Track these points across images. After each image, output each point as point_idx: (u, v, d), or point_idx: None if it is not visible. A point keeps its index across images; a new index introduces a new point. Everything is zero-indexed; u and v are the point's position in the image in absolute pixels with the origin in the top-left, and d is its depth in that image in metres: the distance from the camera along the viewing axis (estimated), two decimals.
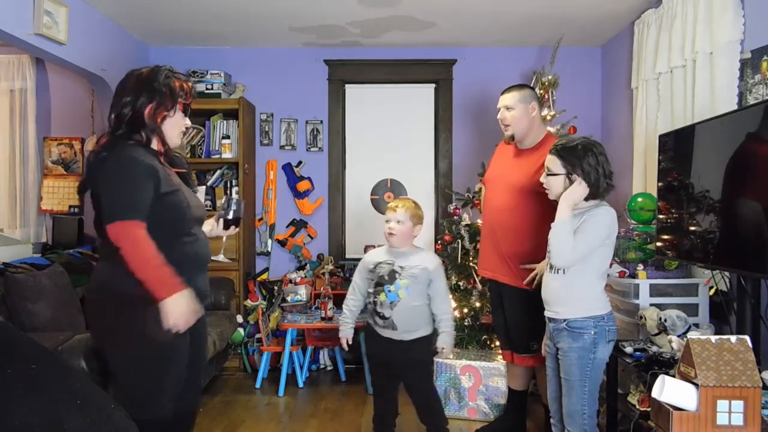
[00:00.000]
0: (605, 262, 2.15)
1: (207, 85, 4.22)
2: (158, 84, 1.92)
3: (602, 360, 2.15)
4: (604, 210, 2.12)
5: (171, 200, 1.89)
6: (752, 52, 2.63)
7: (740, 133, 2.16)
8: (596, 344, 2.10)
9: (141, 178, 1.83)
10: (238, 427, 3.13)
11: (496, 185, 2.80)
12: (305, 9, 3.68)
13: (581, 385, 2.12)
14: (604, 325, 2.12)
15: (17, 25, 2.91)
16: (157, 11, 3.74)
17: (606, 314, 2.15)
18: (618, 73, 4.15)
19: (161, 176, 1.87)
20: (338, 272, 4.30)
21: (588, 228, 2.08)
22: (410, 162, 4.64)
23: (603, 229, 2.09)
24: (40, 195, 4.45)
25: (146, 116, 1.91)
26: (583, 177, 2.10)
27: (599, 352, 2.12)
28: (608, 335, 2.13)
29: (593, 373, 2.12)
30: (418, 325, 2.57)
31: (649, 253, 2.91)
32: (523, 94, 2.71)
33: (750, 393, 1.70)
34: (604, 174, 2.11)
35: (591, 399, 2.14)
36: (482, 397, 3.21)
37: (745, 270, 2.17)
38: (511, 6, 3.61)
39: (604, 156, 2.14)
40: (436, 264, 2.61)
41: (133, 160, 1.84)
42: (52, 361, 1.60)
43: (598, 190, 2.11)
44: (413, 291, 2.54)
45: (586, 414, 2.14)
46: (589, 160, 2.10)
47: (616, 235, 2.18)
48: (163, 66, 2.00)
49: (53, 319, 2.72)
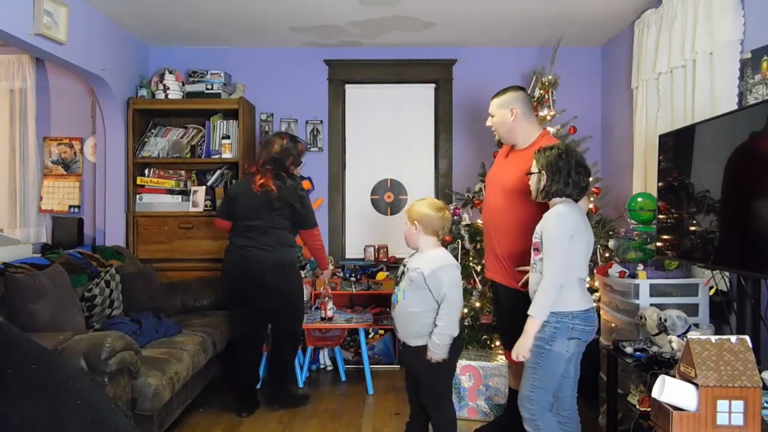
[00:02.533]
0: (575, 256, 2.16)
1: (207, 85, 4.22)
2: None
3: (559, 354, 2.16)
4: (552, 212, 2.20)
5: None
6: (752, 52, 2.63)
7: (740, 133, 2.16)
8: (554, 337, 2.15)
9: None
10: (238, 427, 3.13)
11: (491, 186, 2.83)
12: (305, 9, 3.68)
13: (533, 372, 2.20)
14: (567, 321, 2.15)
15: (17, 25, 2.91)
16: (158, 11, 3.74)
17: (576, 312, 2.16)
18: (618, 73, 4.15)
19: None
20: (338, 272, 4.30)
21: (546, 243, 2.16)
22: (410, 162, 4.64)
23: (554, 230, 2.15)
24: (40, 195, 4.45)
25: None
26: (550, 174, 2.20)
27: (556, 345, 2.15)
28: (571, 332, 2.15)
29: (546, 363, 2.17)
30: (417, 333, 2.43)
31: (649, 253, 2.91)
32: (502, 99, 2.73)
33: (750, 393, 1.70)
34: (568, 173, 2.19)
35: (540, 388, 2.20)
36: (482, 397, 3.21)
37: (745, 270, 2.17)
38: (511, 6, 3.61)
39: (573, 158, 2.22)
40: (432, 269, 2.38)
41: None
42: (52, 361, 1.60)
43: (560, 187, 2.19)
44: (410, 296, 2.42)
45: (533, 401, 2.20)
46: (556, 161, 2.20)
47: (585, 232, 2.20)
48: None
49: (53, 319, 2.72)
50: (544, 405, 2.21)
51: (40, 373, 1.51)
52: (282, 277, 3.25)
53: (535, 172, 2.28)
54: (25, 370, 1.50)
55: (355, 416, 3.31)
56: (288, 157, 3.33)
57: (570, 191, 2.21)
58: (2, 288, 2.68)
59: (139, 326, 3.11)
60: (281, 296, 3.28)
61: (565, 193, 2.21)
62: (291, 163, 3.35)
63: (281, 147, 3.31)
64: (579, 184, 2.21)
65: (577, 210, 2.22)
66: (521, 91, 2.77)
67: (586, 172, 2.24)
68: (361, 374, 3.87)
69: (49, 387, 1.50)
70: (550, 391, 2.21)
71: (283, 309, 3.32)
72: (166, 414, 2.82)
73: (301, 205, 3.30)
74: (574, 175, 2.19)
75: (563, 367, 2.18)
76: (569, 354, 2.17)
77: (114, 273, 3.31)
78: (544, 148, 2.31)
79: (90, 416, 1.50)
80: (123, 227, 4.15)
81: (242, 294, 3.27)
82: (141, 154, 4.24)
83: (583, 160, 2.27)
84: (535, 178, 2.29)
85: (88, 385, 1.61)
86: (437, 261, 2.42)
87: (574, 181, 2.20)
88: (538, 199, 2.30)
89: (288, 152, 3.33)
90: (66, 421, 1.46)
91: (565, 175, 2.19)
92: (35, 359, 1.55)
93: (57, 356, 1.72)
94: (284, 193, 3.25)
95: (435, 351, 2.39)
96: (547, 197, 2.25)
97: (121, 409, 1.63)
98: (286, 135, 3.43)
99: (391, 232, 4.62)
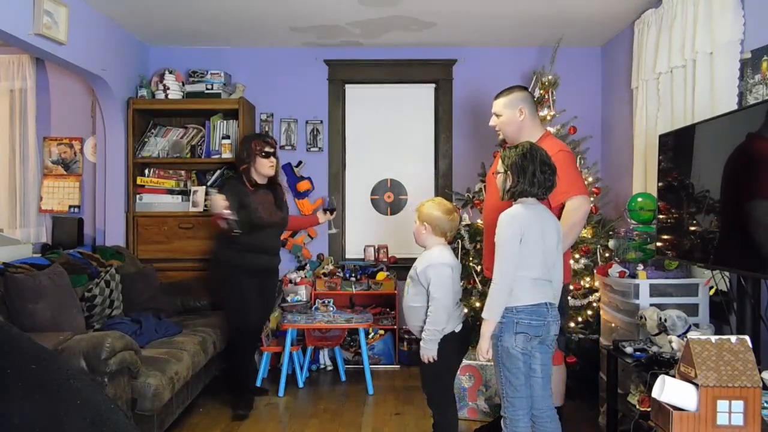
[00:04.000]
0: (527, 258, 2.15)
1: (207, 85, 4.22)
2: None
3: (509, 348, 2.17)
4: (504, 214, 2.20)
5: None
6: (752, 52, 2.63)
7: (740, 133, 2.16)
8: (501, 332, 2.18)
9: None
10: (239, 427, 3.13)
11: (490, 186, 2.83)
12: (305, 9, 3.68)
13: (498, 370, 2.25)
14: (511, 316, 2.17)
15: (17, 25, 2.91)
16: (157, 11, 3.74)
17: (520, 306, 2.16)
18: (618, 73, 4.15)
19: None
20: (338, 272, 4.30)
21: (496, 241, 2.19)
22: (410, 162, 4.64)
23: (503, 233, 2.16)
24: (40, 195, 4.45)
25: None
26: (515, 174, 2.20)
27: (504, 340, 2.18)
28: (516, 327, 2.16)
29: (503, 359, 2.20)
30: (419, 328, 2.50)
31: (649, 253, 2.91)
32: (509, 99, 2.72)
33: (750, 393, 1.70)
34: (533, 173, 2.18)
35: (508, 385, 2.21)
36: (482, 397, 3.21)
37: (745, 270, 2.17)
38: (511, 6, 3.61)
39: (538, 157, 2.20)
40: (423, 267, 2.44)
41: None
42: (52, 361, 1.60)
43: (526, 187, 2.19)
44: (411, 291, 2.51)
45: (506, 398, 2.23)
46: (520, 161, 2.20)
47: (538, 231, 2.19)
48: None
49: (53, 319, 2.72)
50: (515, 403, 2.20)
51: (40, 373, 1.51)
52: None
53: (501, 171, 2.27)
54: (25, 370, 1.50)
55: (355, 416, 3.31)
56: (237, 158, 3.48)
57: (536, 191, 2.19)
58: (2, 288, 2.68)
59: (139, 326, 3.11)
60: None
61: (531, 192, 2.19)
62: (241, 163, 3.38)
63: (236, 151, 3.56)
64: (545, 183, 2.19)
65: (532, 211, 2.19)
66: (526, 91, 2.78)
67: (552, 171, 2.21)
68: (361, 374, 3.87)
69: (49, 387, 1.50)
70: (517, 388, 2.19)
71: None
72: (166, 414, 2.82)
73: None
74: (539, 174, 2.17)
75: (519, 361, 2.17)
76: (518, 349, 2.17)
77: (114, 273, 3.31)
78: (509, 147, 2.30)
79: (90, 416, 1.50)
80: (123, 227, 4.15)
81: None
82: (141, 154, 4.24)
83: (548, 158, 2.23)
84: (501, 177, 2.28)
85: (88, 385, 1.61)
86: (429, 260, 2.48)
87: (539, 181, 2.18)
88: (505, 199, 2.29)
89: (237, 155, 3.49)
90: (66, 422, 1.46)
91: (530, 175, 2.17)
92: (35, 359, 1.54)
93: (57, 356, 1.71)
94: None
95: (423, 347, 2.45)
96: (514, 197, 2.23)
97: (121, 409, 1.63)
98: (243, 138, 3.59)
99: (391, 232, 4.62)
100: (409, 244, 4.57)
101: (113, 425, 1.53)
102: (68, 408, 1.48)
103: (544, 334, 2.20)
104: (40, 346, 1.63)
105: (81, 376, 1.67)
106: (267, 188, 3.42)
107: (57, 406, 1.48)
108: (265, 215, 3.32)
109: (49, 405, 1.47)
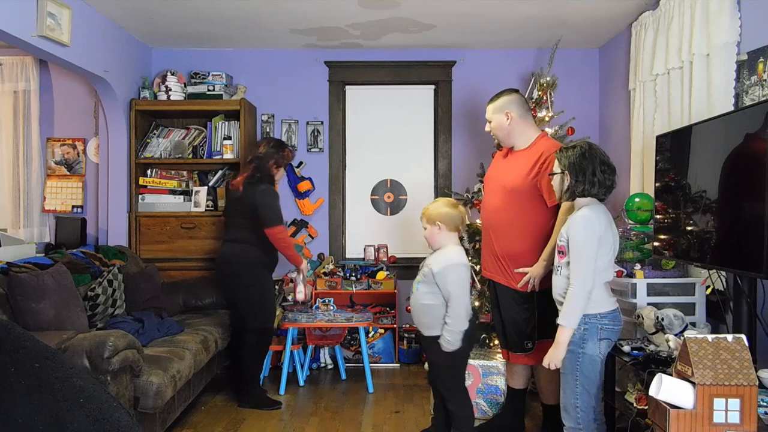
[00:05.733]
0: (602, 260, 2.14)
1: (209, 87, 4.24)
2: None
3: (593, 356, 2.14)
4: (578, 217, 2.14)
5: None
6: (748, 53, 2.65)
7: (737, 133, 2.18)
8: (585, 340, 2.12)
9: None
10: (240, 425, 3.15)
11: (490, 187, 2.85)
12: (306, 11, 3.70)
13: (573, 379, 2.16)
14: (596, 322, 2.12)
15: (21, 26, 2.93)
16: (160, 13, 3.76)
17: (603, 313, 2.14)
18: (615, 75, 4.17)
19: None
20: (338, 272, 4.32)
21: (573, 249, 2.12)
22: (410, 162, 4.66)
23: (581, 237, 2.10)
24: (44, 195, 4.48)
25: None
26: (574, 174, 2.15)
27: (588, 348, 2.12)
28: (601, 333, 2.13)
29: (584, 368, 2.13)
30: (430, 324, 2.53)
31: (647, 253, 2.93)
32: (496, 104, 2.76)
33: (746, 391, 1.71)
34: (593, 173, 2.14)
35: (584, 393, 2.15)
36: (481, 396, 3.23)
37: (741, 269, 2.18)
38: (509, 8, 3.63)
39: (597, 157, 2.17)
40: (440, 267, 2.47)
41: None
42: (55, 359, 1.61)
43: (586, 187, 2.15)
44: (423, 288, 2.53)
45: (579, 408, 2.15)
46: (579, 160, 2.15)
47: (611, 234, 2.17)
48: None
49: (56, 318, 2.74)
50: (590, 412, 2.16)
51: (44, 371, 1.53)
52: (229, 271, 3.42)
53: (558, 172, 2.22)
54: (28, 368, 1.51)
55: (356, 414, 3.33)
56: (269, 159, 3.44)
57: (596, 190, 2.15)
58: (6, 287, 2.71)
59: (141, 325, 3.13)
60: (228, 290, 3.55)
61: (591, 192, 2.15)
62: (272, 164, 3.44)
63: (266, 149, 3.46)
64: (605, 183, 2.15)
65: (603, 212, 2.17)
66: (515, 93, 2.79)
67: (611, 170, 2.17)
68: (361, 373, 3.89)
69: (52, 385, 1.51)
70: (594, 397, 2.16)
71: (236, 303, 3.51)
72: (168, 412, 2.85)
73: (262, 204, 3.34)
74: (599, 173, 2.14)
75: (600, 368, 2.16)
76: (602, 355, 2.15)
77: (116, 272, 3.33)
78: (565, 147, 2.25)
79: (93, 414, 1.52)
80: (125, 227, 4.18)
81: (218, 284, 3.73)
82: (143, 155, 4.27)
83: (607, 157, 2.20)
84: (558, 178, 2.23)
85: (90, 384, 1.62)
86: (446, 260, 2.51)
87: (600, 180, 2.14)
88: (563, 200, 2.25)
89: (270, 155, 3.44)
90: (69, 420, 1.47)
91: (590, 174, 2.13)
92: (38, 358, 1.56)
93: (60, 355, 1.73)
94: (248, 191, 3.38)
95: (446, 346, 2.49)
96: (572, 197, 2.19)
97: (124, 407, 1.64)
98: (274, 140, 3.56)
99: (391, 232, 4.64)
100: (408, 243, 4.60)
101: (116, 423, 1.55)
102: (71, 406, 1.49)
103: (618, 337, 2.20)
104: (44, 345, 1.64)
105: (84, 375, 1.69)
106: None
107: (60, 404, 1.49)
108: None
109: (52, 403, 1.48)
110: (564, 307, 2.12)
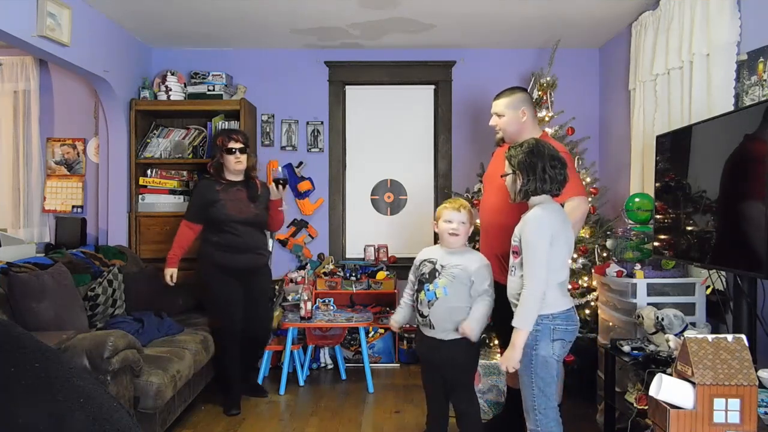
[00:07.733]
0: (555, 260, 2.08)
1: (209, 87, 4.24)
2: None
3: (546, 357, 2.08)
4: (530, 216, 2.11)
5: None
6: (748, 53, 2.65)
7: (737, 133, 2.18)
8: (537, 341, 2.07)
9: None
10: (240, 425, 3.15)
11: (489, 185, 2.85)
12: (306, 11, 3.71)
13: (529, 381, 2.12)
14: (548, 323, 2.07)
15: (21, 26, 2.93)
16: (160, 13, 3.76)
17: (556, 313, 2.08)
18: (616, 75, 4.17)
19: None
20: (338, 272, 4.32)
21: (524, 249, 2.08)
22: (410, 162, 4.66)
23: (533, 236, 2.06)
24: (44, 195, 4.48)
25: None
26: (524, 173, 2.12)
27: (541, 349, 2.07)
28: (554, 334, 2.07)
29: (538, 369, 2.08)
30: (455, 328, 2.46)
31: (647, 253, 2.93)
32: (512, 99, 2.74)
33: (746, 391, 1.72)
34: (543, 169, 2.10)
35: (540, 395, 2.10)
36: (480, 395, 3.23)
37: (741, 269, 2.19)
38: (510, 8, 3.63)
39: (546, 152, 2.13)
40: (478, 265, 2.47)
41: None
42: (55, 359, 1.61)
43: (538, 185, 2.11)
44: (453, 291, 2.46)
45: (537, 410, 2.11)
46: (528, 158, 2.12)
47: (564, 233, 2.12)
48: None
49: (56, 318, 2.74)
50: (549, 414, 2.12)
51: (43, 371, 1.52)
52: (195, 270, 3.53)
53: (509, 173, 2.19)
54: (28, 368, 1.51)
55: (356, 414, 3.33)
56: (215, 151, 3.44)
57: (549, 187, 2.10)
58: (6, 287, 2.71)
59: (141, 325, 3.13)
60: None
61: (544, 189, 2.10)
62: (211, 158, 3.47)
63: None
64: (556, 178, 2.10)
65: (556, 211, 2.13)
66: (526, 92, 2.81)
67: (562, 165, 2.12)
68: (361, 373, 3.89)
69: (52, 385, 1.51)
70: (550, 397, 2.12)
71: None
72: (168, 412, 2.85)
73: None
74: (549, 169, 2.09)
75: (555, 369, 2.11)
76: (556, 356, 2.10)
77: (116, 272, 3.34)
78: (513, 146, 2.21)
79: (92, 414, 1.51)
80: (125, 227, 4.18)
81: None
82: (143, 155, 4.27)
83: (556, 152, 2.14)
84: (510, 179, 2.19)
85: (90, 384, 1.62)
86: (477, 258, 2.54)
87: (551, 176, 2.09)
88: (517, 200, 2.21)
89: (214, 149, 3.44)
90: (69, 420, 1.47)
91: (540, 171, 2.09)
92: (38, 358, 1.55)
93: (60, 355, 1.72)
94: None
95: (472, 324, 2.43)
96: (527, 197, 2.14)
97: (124, 407, 1.64)
98: (215, 133, 3.61)
99: (391, 232, 4.64)
100: (409, 243, 4.60)
101: (116, 423, 1.55)
102: (71, 406, 1.49)
103: (573, 338, 2.14)
104: (44, 345, 1.64)
105: (84, 375, 1.68)
106: (241, 184, 3.37)
107: (60, 404, 1.49)
108: (234, 212, 3.28)
109: (51, 403, 1.47)
110: (518, 308, 2.08)
